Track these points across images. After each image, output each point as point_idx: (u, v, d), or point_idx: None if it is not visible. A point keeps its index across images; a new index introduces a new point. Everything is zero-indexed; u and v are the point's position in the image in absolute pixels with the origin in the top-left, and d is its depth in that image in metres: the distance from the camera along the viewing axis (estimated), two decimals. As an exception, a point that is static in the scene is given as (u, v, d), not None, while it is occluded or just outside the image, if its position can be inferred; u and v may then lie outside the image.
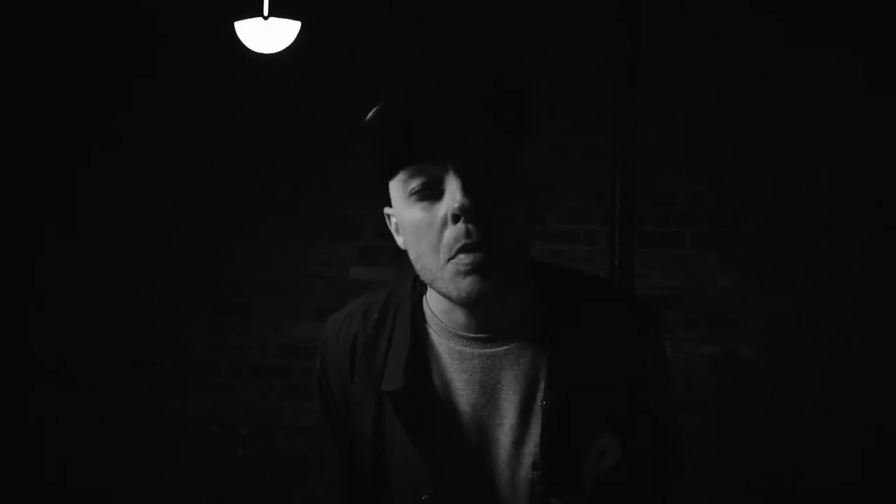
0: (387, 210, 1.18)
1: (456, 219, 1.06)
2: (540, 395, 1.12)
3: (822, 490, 3.72)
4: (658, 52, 3.63)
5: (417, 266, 1.13)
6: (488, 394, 1.14)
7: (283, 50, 3.32)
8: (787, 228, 3.82)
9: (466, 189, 1.05)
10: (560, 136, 3.85)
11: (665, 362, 1.22)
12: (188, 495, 3.89)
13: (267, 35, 3.24)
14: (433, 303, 1.18)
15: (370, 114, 1.09)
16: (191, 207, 3.97)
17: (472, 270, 1.06)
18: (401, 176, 1.09)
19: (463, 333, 1.15)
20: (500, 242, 1.06)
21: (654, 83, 3.57)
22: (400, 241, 1.17)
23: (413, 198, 1.09)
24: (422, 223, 1.08)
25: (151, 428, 3.96)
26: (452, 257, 1.07)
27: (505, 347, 1.14)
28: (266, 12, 3.21)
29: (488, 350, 1.14)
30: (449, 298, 1.10)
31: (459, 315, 1.14)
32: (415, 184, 1.08)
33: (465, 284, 1.07)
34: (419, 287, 1.21)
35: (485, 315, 1.13)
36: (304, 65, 3.77)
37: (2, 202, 3.99)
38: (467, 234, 1.05)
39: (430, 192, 1.08)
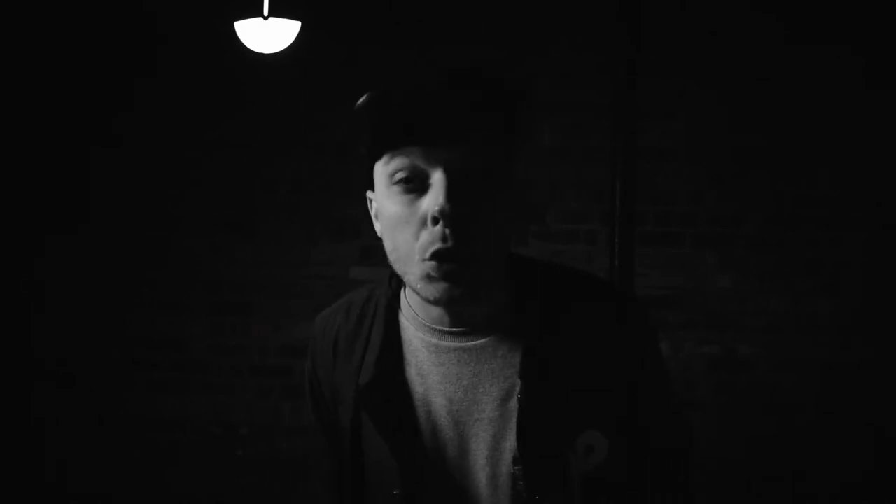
0: (369, 194, 1.16)
1: (435, 221, 1.03)
2: (517, 389, 1.10)
3: (822, 490, 3.72)
4: (658, 52, 3.63)
5: (391, 258, 1.11)
6: (465, 387, 1.13)
7: (283, 50, 3.32)
8: (787, 228, 3.82)
9: (451, 192, 1.02)
10: (560, 136, 3.85)
11: (659, 361, 1.20)
12: (188, 495, 3.88)
13: (267, 35, 3.24)
14: (410, 297, 1.17)
15: (364, 96, 1.08)
16: (191, 207, 3.97)
17: (443, 278, 1.04)
18: (386, 159, 1.07)
19: (439, 327, 1.14)
20: (476, 250, 1.04)
21: (654, 83, 3.57)
22: (378, 227, 1.15)
23: (395, 188, 1.06)
24: (401, 217, 1.06)
25: (151, 428, 3.96)
26: (426, 259, 1.05)
27: (482, 341, 1.12)
28: (266, 12, 3.22)
29: (465, 343, 1.13)
30: (418, 294, 1.09)
31: (435, 309, 1.13)
32: (400, 173, 1.05)
33: (434, 289, 1.05)
34: (395, 282, 1.21)
35: (461, 311, 1.12)
36: (304, 65, 3.77)
37: (2, 202, 3.99)
38: (444, 238, 1.03)
39: (413, 186, 1.05)
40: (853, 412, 3.73)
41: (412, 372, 1.15)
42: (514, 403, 1.11)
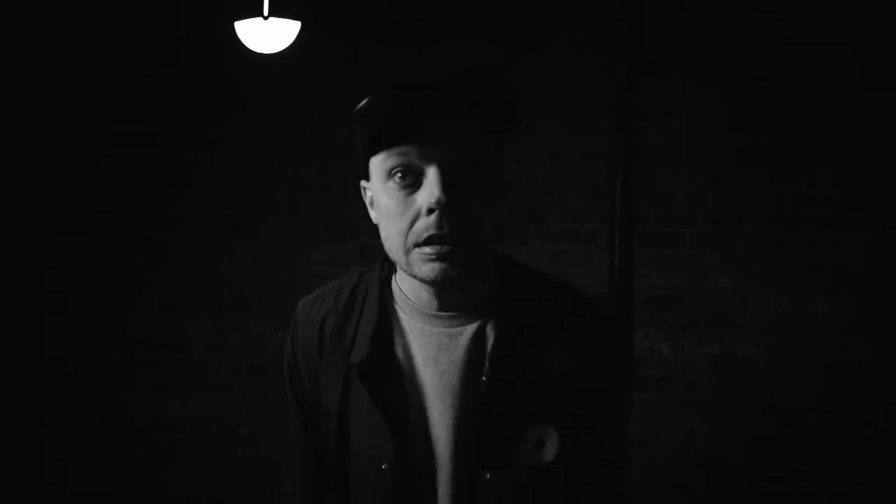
0: (363, 183, 1.24)
1: (430, 212, 1.11)
2: (485, 370, 1.18)
3: (822, 490, 3.72)
4: (658, 52, 3.63)
5: (386, 245, 1.19)
6: (442, 369, 1.19)
7: (283, 50, 3.32)
8: (787, 228, 3.82)
9: (445, 185, 1.10)
10: (560, 136, 3.85)
11: (616, 367, 1.26)
12: (188, 495, 3.89)
13: (267, 35, 3.24)
14: (401, 281, 1.25)
15: (363, 101, 1.16)
16: (191, 207, 3.97)
17: (438, 259, 1.12)
18: (383, 157, 1.14)
19: (426, 311, 1.21)
20: (467, 234, 1.12)
21: (654, 83, 3.57)
22: (373, 214, 1.23)
23: (392, 181, 1.14)
24: (396, 210, 1.14)
25: (151, 428, 3.96)
26: (420, 245, 1.13)
27: (462, 327, 1.20)
28: (266, 12, 3.21)
29: (447, 329, 1.20)
30: (413, 277, 1.17)
31: (425, 293, 1.20)
32: (397, 170, 1.13)
33: (429, 268, 1.13)
34: (387, 268, 1.28)
35: (448, 296, 1.20)
36: (304, 65, 3.77)
37: (4, 205, 3.99)
38: (439, 225, 1.11)
39: (409, 181, 1.13)
40: (853, 412, 3.73)
41: (400, 352, 1.22)
42: (481, 386, 1.17)
